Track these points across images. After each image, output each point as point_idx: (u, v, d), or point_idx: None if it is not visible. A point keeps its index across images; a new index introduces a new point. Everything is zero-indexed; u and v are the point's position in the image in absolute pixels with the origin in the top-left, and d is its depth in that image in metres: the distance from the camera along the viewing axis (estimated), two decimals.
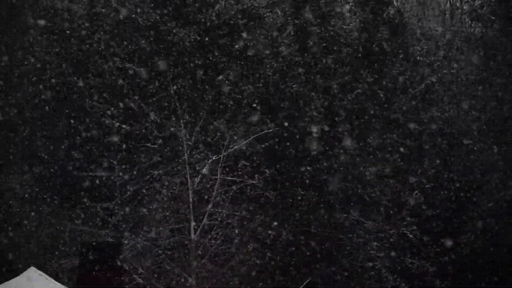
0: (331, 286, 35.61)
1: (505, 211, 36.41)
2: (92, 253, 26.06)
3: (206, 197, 33.42)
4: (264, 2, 40.03)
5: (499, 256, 35.95)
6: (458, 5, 47.46)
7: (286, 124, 37.56)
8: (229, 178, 34.36)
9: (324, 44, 39.46)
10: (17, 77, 37.65)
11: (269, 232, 35.03)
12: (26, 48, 37.97)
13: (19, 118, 36.95)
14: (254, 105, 37.60)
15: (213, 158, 34.29)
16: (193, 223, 32.48)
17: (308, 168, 37.23)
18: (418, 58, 40.17)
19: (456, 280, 36.32)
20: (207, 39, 38.03)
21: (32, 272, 27.26)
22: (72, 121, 36.81)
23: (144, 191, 33.86)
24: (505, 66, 39.35)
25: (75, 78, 37.19)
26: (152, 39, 37.75)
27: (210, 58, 37.95)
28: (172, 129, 34.81)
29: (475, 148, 38.04)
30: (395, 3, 42.71)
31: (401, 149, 37.51)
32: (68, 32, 38.12)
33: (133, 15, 38.45)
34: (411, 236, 35.38)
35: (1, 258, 34.09)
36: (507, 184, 36.67)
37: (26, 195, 35.49)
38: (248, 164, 36.01)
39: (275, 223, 35.39)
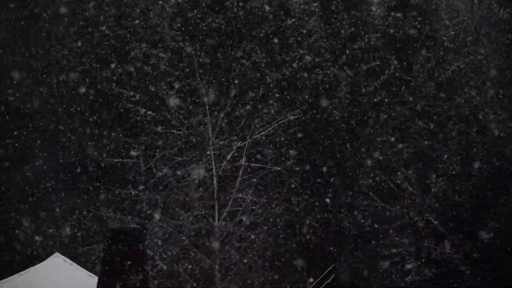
0: (354, 273, 35.65)
1: None
2: (117, 239, 26.15)
3: (230, 183, 33.58)
4: None
5: None
6: None
7: (312, 110, 37.57)
8: (253, 164, 34.47)
9: (351, 30, 39.36)
10: (44, 66, 37.98)
11: (293, 219, 35.10)
12: (51, 36, 38.25)
13: (45, 106, 37.29)
14: (280, 91, 37.62)
15: (238, 145, 34.40)
16: (217, 210, 32.66)
17: (333, 155, 37.22)
18: (445, 44, 39.90)
19: (481, 267, 36.18)
20: (233, 24, 38.06)
21: (57, 258, 27.59)
22: (98, 107, 37.03)
23: (169, 177, 34.04)
24: None
25: (101, 65, 37.39)
26: (179, 25, 37.84)
27: (236, 44, 37.99)
28: (197, 116, 34.95)
29: (502, 135, 37.74)
30: None
31: (427, 135, 37.36)
32: (94, 19, 38.31)
33: (160, 1, 38.56)
34: (435, 222, 35.29)
35: (27, 243, 34.52)
36: None
37: (53, 182, 35.83)
38: (273, 150, 36.10)
39: (298, 211, 35.45)
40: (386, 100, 38.28)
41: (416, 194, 35.94)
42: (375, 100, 38.22)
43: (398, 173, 36.32)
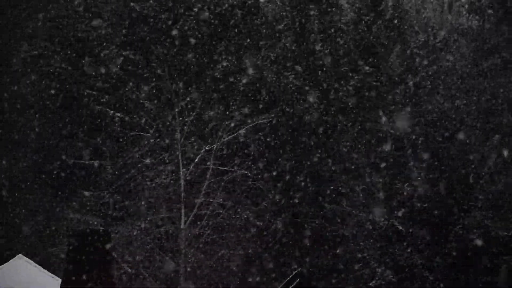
0: (319, 277, 35.83)
1: (496, 204, 36.51)
2: (81, 242, 26.13)
3: (197, 187, 33.63)
4: None
5: (489, 248, 36.08)
6: None
7: (281, 114, 37.72)
8: (221, 168, 34.54)
9: (321, 35, 39.54)
10: (12, 66, 37.86)
11: (259, 222, 35.23)
12: (19, 36, 38.15)
13: (12, 107, 37.18)
14: (249, 95, 37.75)
15: (206, 148, 34.46)
16: (183, 213, 32.72)
17: (302, 158, 37.40)
18: (414, 50, 40.20)
19: (445, 273, 36.49)
20: (204, 28, 38.14)
21: (20, 259, 27.58)
22: (66, 109, 36.96)
23: (135, 180, 34.05)
24: (501, 59, 39.35)
25: (70, 67, 37.33)
26: (149, 27, 37.86)
27: (207, 48, 38.08)
28: (166, 118, 34.99)
29: (468, 141, 38.09)
30: None
31: (395, 140, 37.63)
32: (65, 20, 38.25)
33: (131, 3, 38.56)
34: (400, 228, 35.54)
35: None
36: (499, 177, 36.75)
37: (17, 183, 35.70)
38: (241, 154, 36.20)
39: (266, 214, 35.58)
40: (352, 105, 38.51)
41: (383, 199, 36.18)
42: (344, 105, 38.43)
43: (366, 178, 36.54)
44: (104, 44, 37.90)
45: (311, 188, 36.99)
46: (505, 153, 37.00)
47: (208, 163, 33.98)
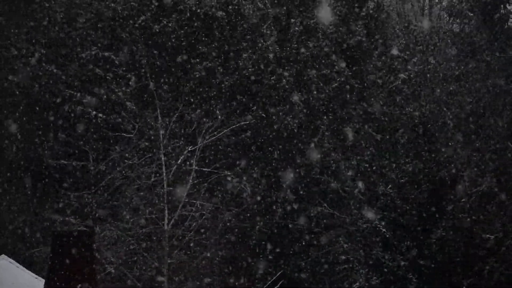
0: (303, 279, 35.78)
1: (477, 207, 36.69)
2: (64, 242, 25.88)
3: (181, 187, 33.47)
4: None
5: (471, 250, 36.25)
6: (436, 1, 47.66)
7: (263, 115, 37.66)
8: (204, 169, 34.43)
9: (303, 37, 39.56)
10: None
11: (243, 224, 35.14)
12: (2, 34, 37.81)
13: None
14: (232, 96, 37.66)
15: (189, 149, 34.33)
16: (167, 214, 32.55)
17: (284, 160, 37.35)
18: (395, 52, 40.34)
19: (428, 275, 36.60)
20: (186, 29, 38.05)
21: (3, 260, 27.24)
22: (47, 109, 36.68)
23: (119, 180, 33.84)
24: (481, 62, 39.61)
25: (52, 66, 37.06)
26: (130, 28, 37.69)
27: (189, 48, 37.97)
28: (148, 119, 34.83)
29: (450, 144, 38.26)
30: None
31: (376, 143, 37.70)
32: (46, 19, 37.98)
33: (112, 4, 38.37)
34: (384, 230, 35.60)
35: None
36: (480, 179, 36.93)
37: None
38: (224, 155, 36.11)
39: (249, 215, 35.50)
40: (335, 107, 38.53)
41: (365, 201, 36.22)
42: (324, 107, 38.44)
43: (348, 180, 36.56)
44: (85, 44, 37.66)
45: (295, 190, 36.93)
46: (488, 155, 37.21)
47: (191, 163, 33.84)
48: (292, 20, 39.75)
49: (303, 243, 36.02)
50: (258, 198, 36.37)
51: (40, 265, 31.53)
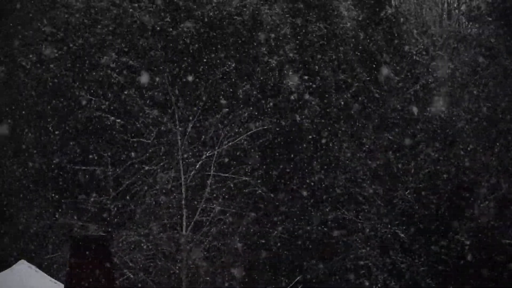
0: (322, 284, 35.72)
1: (496, 212, 36.51)
2: (82, 247, 25.97)
3: (199, 193, 33.53)
4: None
5: (490, 256, 36.06)
6: (455, 5, 47.53)
7: (282, 122, 37.68)
8: (222, 174, 34.47)
9: (321, 42, 39.55)
10: (9, 70, 37.71)
11: (261, 229, 35.14)
12: (18, 40, 38.03)
13: (11, 112, 37.02)
14: (250, 101, 37.69)
15: (207, 154, 34.38)
16: (185, 219, 32.61)
17: (302, 165, 37.33)
18: (414, 57, 40.23)
19: (447, 280, 36.43)
20: (203, 34, 38.12)
21: (22, 265, 27.38)
22: (66, 115, 36.85)
23: (137, 185, 33.94)
24: (500, 67, 39.42)
25: (70, 72, 37.23)
26: (149, 33, 37.81)
27: (207, 53, 38.02)
28: (167, 124, 34.92)
29: (469, 148, 38.10)
30: (393, 2, 42.78)
31: (395, 148, 37.62)
32: (64, 25, 38.16)
33: (130, 9, 38.50)
34: (402, 235, 35.48)
35: None
36: (499, 184, 36.77)
37: (18, 189, 35.54)
38: (242, 160, 36.14)
39: (266, 221, 35.49)
40: (354, 113, 38.50)
41: (383, 206, 36.13)
42: (343, 112, 38.41)
43: (366, 185, 36.49)
44: (104, 50, 37.81)
45: (313, 195, 36.92)
46: (507, 160, 37.02)
47: (209, 168, 33.92)
48: (311, 26, 39.74)
49: (321, 248, 35.95)
50: (276, 203, 36.36)
51: (59, 270, 31.68)
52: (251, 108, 37.63)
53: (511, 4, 40.70)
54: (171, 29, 37.84)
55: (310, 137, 38.05)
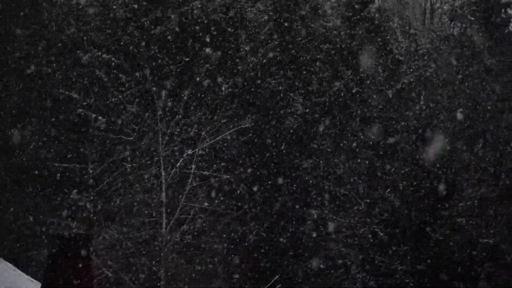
0: (301, 283, 35.84)
1: (476, 211, 36.69)
2: (61, 245, 25.89)
3: (180, 191, 33.55)
4: None
5: (469, 255, 36.23)
6: (438, 5, 47.66)
7: (263, 119, 37.74)
8: (203, 172, 34.50)
9: (304, 41, 39.61)
10: None
11: (241, 227, 35.21)
12: (6, 39, 37.95)
13: None
14: (232, 99, 37.73)
15: (188, 152, 34.40)
16: (165, 217, 32.65)
17: (283, 164, 37.41)
18: (396, 56, 40.33)
19: (426, 279, 36.59)
20: (187, 32, 38.11)
21: (1, 263, 27.38)
22: (48, 112, 36.80)
23: (117, 183, 33.94)
24: (482, 67, 39.58)
25: (51, 69, 37.17)
26: (131, 31, 37.78)
27: (189, 51, 38.04)
28: (148, 121, 34.91)
29: (449, 148, 38.24)
30: (376, 1, 42.84)
31: (376, 147, 37.73)
32: (46, 22, 38.10)
33: (114, 6, 38.45)
34: (381, 234, 35.62)
35: None
36: (479, 183, 36.93)
37: None
38: (223, 158, 36.17)
39: (247, 218, 35.57)
40: (335, 110, 38.58)
41: (363, 205, 36.25)
42: (325, 111, 38.50)
43: (347, 184, 36.59)
44: (86, 47, 37.75)
45: (293, 193, 37.01)
46: (487, 160, 37.19)
47: (190, 167, 33.93)
48: (294, 24, 39.80)
49: (301, 247, 36.06)
50: (257, 201, 36.44)
51: (37, 267, 31.66)
52: (234, 105, 37.67)
53: (493, 4, 40.87)
54: (154, 26, 37.81)
55: (293, 136, 38.12)
